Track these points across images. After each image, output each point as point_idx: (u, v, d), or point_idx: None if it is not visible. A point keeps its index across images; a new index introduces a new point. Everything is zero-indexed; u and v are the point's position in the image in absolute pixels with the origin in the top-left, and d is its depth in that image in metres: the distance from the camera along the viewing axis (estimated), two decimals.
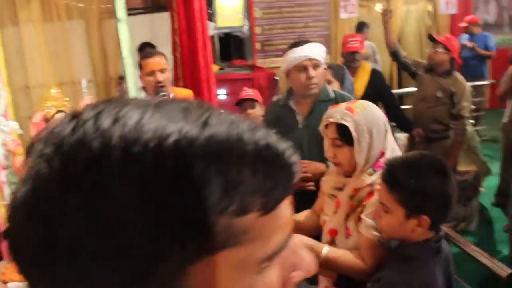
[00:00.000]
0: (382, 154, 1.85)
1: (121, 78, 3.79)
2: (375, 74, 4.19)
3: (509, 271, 2.12)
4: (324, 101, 2.57)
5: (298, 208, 2.37)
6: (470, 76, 6.05)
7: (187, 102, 0.49)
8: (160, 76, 2.75)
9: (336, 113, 1.83)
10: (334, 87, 2.94)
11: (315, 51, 2.50)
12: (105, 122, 0.44)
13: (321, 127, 1.95)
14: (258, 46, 6.81)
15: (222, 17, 4.85)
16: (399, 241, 1.63)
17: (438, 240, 1.59)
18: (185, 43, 3.27)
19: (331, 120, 1.84)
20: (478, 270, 2.62)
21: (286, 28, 7.06)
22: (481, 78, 6.63)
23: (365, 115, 1.81)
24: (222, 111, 0.50)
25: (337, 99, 2.57)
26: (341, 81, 3.18)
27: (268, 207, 0.47)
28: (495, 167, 4.98)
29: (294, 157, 0.51)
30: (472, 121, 4.72)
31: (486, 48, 6.74)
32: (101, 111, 0.45)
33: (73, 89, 4.75)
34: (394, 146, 1.90)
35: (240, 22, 5.28)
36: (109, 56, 5.27)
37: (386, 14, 4.51)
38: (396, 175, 1.55)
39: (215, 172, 0.43)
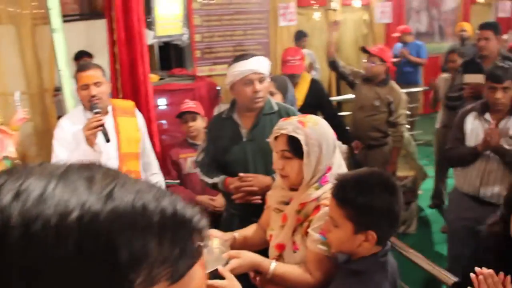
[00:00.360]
0: (329, 169, 1.87)
1: (58, 90, 3.62)
2: (314, 83, 4.24)
3: (454, 279, 2.19)
4: (268, 114, 2.57)
5: (244, 222, 2.36)
6: (405, 82, 6.29)
7: (93, 170, 0.47)
8: (94, 90, 2.65)
9: (288, 125, 1.84)
10: (276, 99, 2.95)
11: (260, 64, 2.49)
12: (6, 197, 0.42)
13: (270, 139, 1.95)
14: (198, 53, 6.75)
15: (161, 25, 4.74)
16: (347, 256, 1.65)
17: (384, 254, 1.61)
18: (124, 55, 3.17)
19: (282, 132, 1.84)
20: (421, 274, 2.70)
21: (226, 35, 7.05)
22: (415, 84, 6.91)
23: (316, 130, 1.83)
24: (127, 179, 0.48)
25: (281, 112, 2.57)
26: (284, 93, 3.19)
27: (177, 276, 0.47)
28: (431, 170, 5.20)
29: (202, 222, 0.51)
30: (407, 126, 4.88)
31: (418, 55, 7.03)
32: (2, 184, 0.43)
33: (4, 101, 4.47)
34: (341, 162, 1.92)
35: (180, 30, 5.19)
36: (44, 66, 4.98)
37: (335, 25, 4.58)
38: (345, 191, 1.56)
39: (119, 246, 0.42)
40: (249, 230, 2.18)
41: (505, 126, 2.99)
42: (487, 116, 3.04)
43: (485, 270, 1.69)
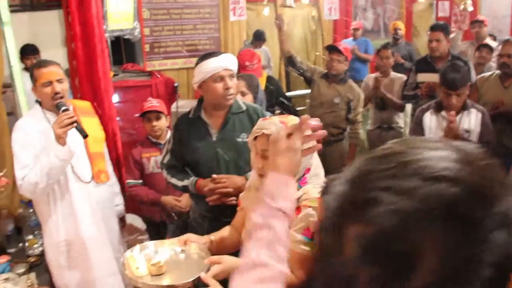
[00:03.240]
0: (308, 170, 1.88)
1: (7, 87, 3.43)
2: (271, 81, 4.25)
3: None
4: (236, 113, 2.55)
5: (214, 224, 2.34)
6: (354, 78, 6.42)
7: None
8: (58, 87, 2.53)
9: (270, 125, 1.82)
10: (247, 99, 2.93)
11: (230, 61, 2.47)
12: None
13: (249, 139, 1.93)
14: (146, 48, 6.60)
15: (113, 19, 4.59)
16: None
17: None
18: (80, 50, 3.03)
19: (265, 131, 1.82)
20: None
21: (175, 30, 6.93)
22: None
23: None
24: None
25: (249, 111, 2.57)
26: (254, 93, 3.18)
27: None
28: None
29: None
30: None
31: (366, 52, 7.21)
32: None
33: None
34: (318, 162, 1.94)
35: (131, 24, 5.06)
36: None
37: (279, 20, 4.57)
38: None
39: None
40: (224, 232, 2.16)
41: (460, 121, 3.19)
42: (443, 113, 3.22)
43: None
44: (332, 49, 4.38)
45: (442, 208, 0.47)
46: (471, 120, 3.23)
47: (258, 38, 6.88)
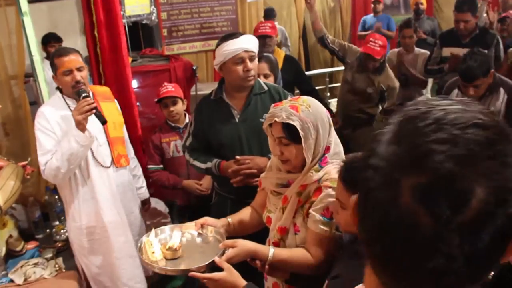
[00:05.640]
0: (328, 148, 1.85)
1: (29, 76, 3.46)
2: (289, 60, 4.19)
3: None
4: (258, 94, 2.54)
5: (237, 204, 2.33)
6: None
7: None
8: (78, 75, 2.55)
9: (281, 112, 1.78)
10: (269, 81, 2.92)
11: (250, 43, 2.45)
12: None
13: (264, 126, 1.91)
14: (164, 32, 6.59)
15: (130, 5, 4.60)
16: (353, 236, 1.65)
17: None
18: (104, 38, 3.02)
19: (276, 119, 1.79)
20: None
21: (192, 13, 6.89)
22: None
23: (310, 113, 1.79)
24: None
25: (271, 91, 2.55)
26: (275, 74, 3.16)
27: None
28: None
29: None
30: None
31: (389, 28, 7.05)
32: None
33: None
34: (337, 140, 1.91)
35: (148, 9, 5.05)
36: (9, 51, 4.73)
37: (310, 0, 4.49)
38: (352, 174, 1.55)
39: None
40: (243, 214, 2.16)
41: (484, 103, 3.07)
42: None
43: None
44: (368, 58, 4.09)
45: (482, 149, 0.58)
46: (497, 102, 3.12)
47: (269, 15, 6.83)
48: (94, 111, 2.43)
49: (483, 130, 0.59)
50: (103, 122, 2.48)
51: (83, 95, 2.47)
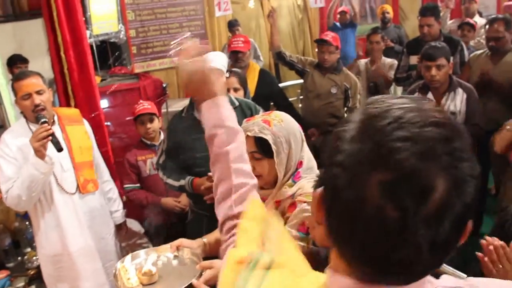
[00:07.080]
0: (300, 163, 1.85)
1: None
2: (264, 73, 4.21)
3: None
4: None
5: (213, 222, 2.29)
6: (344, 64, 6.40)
7: None
8: (37, 99, 2.49)
9: (253, 126, 1.78)
10: (239, 95, 2.92)
11: (218, 61, 2.44)
12: None
13: None
14: (134, 50, 6.55)
15: (97, 24, 4.54)
16: (329, 251, 1.64)
17: None
18: (72, 58, 2.97)
19: (249, 134, 1.78)
20: None
21: (161, 29, 6.87)
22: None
23: (283, 127, 1.78)
24: None
25: (242, 107, 2.54)
26: (245, 88, 3.16)
27: None
28: None
29: None
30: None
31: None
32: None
33: None
34: (309, 155, 1.90)
35: (116, 27, 5.01)
36: None
37: (272, 14, 4.52)
38: None
39: None
40: (218, 233, 2.13)
41: (445, 103, 3.20)
42: (430, 95, 3.25)
43: (496, 240, 1.64)
44: (320, 42, 4.30)
45: (440, 146, 0.62)
46: (457, 102, 3.25)
47: (232, 25, 6.86)
48: (50, 138, 2.36)
49: (439, 128, 0.63)
50: (59, 149, 2.41)
51: (42, 120, 2.42)
